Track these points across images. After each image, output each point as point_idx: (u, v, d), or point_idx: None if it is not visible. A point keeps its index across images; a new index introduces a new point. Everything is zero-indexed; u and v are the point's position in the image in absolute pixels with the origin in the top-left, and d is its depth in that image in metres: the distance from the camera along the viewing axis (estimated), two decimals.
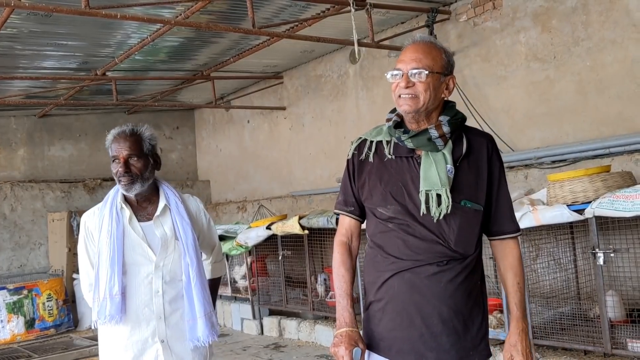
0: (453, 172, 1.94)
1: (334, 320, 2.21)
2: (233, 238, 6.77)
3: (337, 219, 2.31)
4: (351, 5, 5.13)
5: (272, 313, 6.88)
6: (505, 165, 5.76)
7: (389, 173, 2.03)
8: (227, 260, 7.21)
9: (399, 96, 1.93)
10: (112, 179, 8.35)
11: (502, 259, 2.07)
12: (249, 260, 6.93)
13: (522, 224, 4.05)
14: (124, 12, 4.57)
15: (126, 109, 9.33)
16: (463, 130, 2.03)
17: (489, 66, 5.75)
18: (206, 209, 2.61)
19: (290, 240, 6.38)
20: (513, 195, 4.32)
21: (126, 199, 2.40)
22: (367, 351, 2.02)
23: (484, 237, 2.09)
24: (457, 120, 2.00)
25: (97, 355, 6.02)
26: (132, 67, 7.05)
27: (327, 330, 5.88)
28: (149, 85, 8.09)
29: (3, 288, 7.35)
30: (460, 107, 5.99)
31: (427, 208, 1.93)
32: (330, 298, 6.02)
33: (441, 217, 1.92)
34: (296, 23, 5.87)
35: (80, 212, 8.25)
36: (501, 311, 4.44)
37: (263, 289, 6.90)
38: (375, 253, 2.04)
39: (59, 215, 8.31)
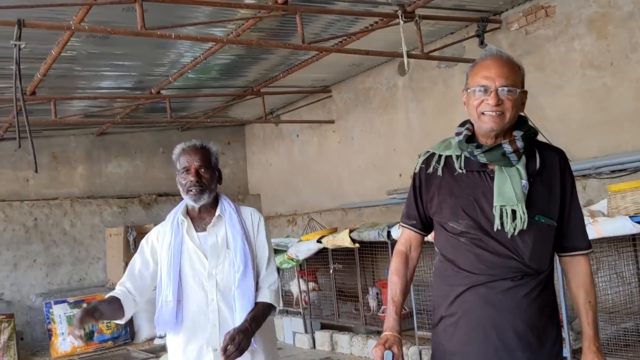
0: (527, 187, 1.93)
1: None
2: (284, 251, 6.80)
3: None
4: (400, 17, 5.12)
5: (323, 327, 6.87)
6: None
7: (459, 187, 2.02)
8: (279, 273, 7.25)
9: (482, 113, 1.92)
10: (167, 194, 8.53)
11: (574, 277, 2.04)
12: (300, 274, 6.95)
13: None
14: (177, 32, 4.70)
15: (179, 126, 9.56)
16: (535, 145, 2.02)
17: (543, 75, 5.62)
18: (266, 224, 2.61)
19: (341, 253, 6.36)
20: None
21: (187, 212, 2.50)
22: None
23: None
24: (530, 135, 1.99)
25: None
26: (185, 85, 7.23)
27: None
28: (201, 102, 8.26)
29: (64, 301, 7.60)
30: None
31: (502, 223, 1.91)
32: (383, 312, 5.96)
33: (516, 233, 1.91)
34: (344, 37, 5.90)
35: (136, 227, 8.48)
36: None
37: (314, 302, 6.90)
38: (446, 267, 2.04)
39: (116, 230, 8.55)
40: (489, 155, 1.95)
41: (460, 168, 2.02)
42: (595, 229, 3.89)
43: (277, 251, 6.93)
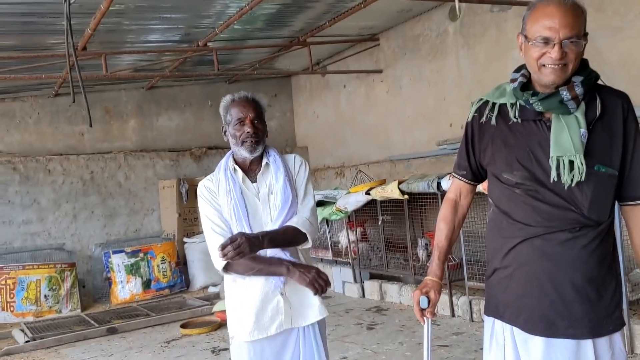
0: (586, 136, 1.83)
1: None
2: (332, 203, 6.84)
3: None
4: None
5: (372, 277, 6.94)
6: None
7: (514, 137, 1.94)
8: (328, 225, 7.31)
9: (543, 65, 1.81)
10: (216, 147, 8.64)
11: (635, 227, 1.94)
12: (349, 225, 6.99)
13: None
14: None
15: (226, 79, 9.58)
16: (596, 89, 1.89)
17: (603, 17, 5.32)
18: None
19: (390, 205, 6.35)
20: None
21: (237, 163, 2.52)
22: (492, 319, 2.05)
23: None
24: (591, 80, 1.87)
25: (208, 314, 6.38)
26: (231, 36, 7.19)
27: None
28: (248, 54, 8.23)
29: (121, 251, 7.91)
30: None
31: (558, 175, 1.84)
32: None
33: (573, 184, 1.84)
34: None
35: (187, 180, 8.67)
36: None
37: (363, 253, 6.95)
38: (501, 219, 2.00)
39: (168, 183, 8.76)
40: (545, 103, 1.85)
41: (515, 117, 1.94)
42: None
43: (325, 203, 6.98)
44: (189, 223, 8.77)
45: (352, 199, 6.54)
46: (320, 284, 2.35)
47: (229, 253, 2.21)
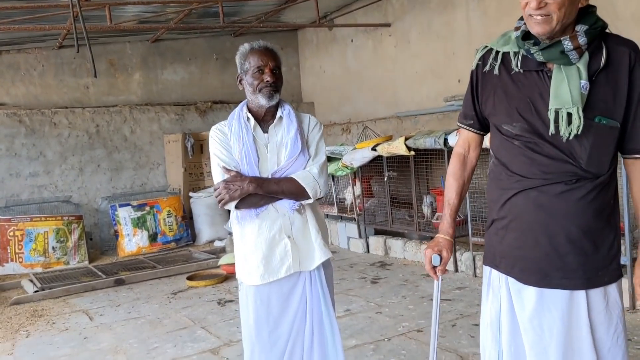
0: (587, 88, 1.78)
1: None
2: (339, 159, 6.82)
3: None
4: None
5: (377, 233, 6.98)
6: None
7: (516, 87, 1.90)
8: (334, 180, 7.31)
9: (530, 15, 1.77)
10: (222, 102, 8.59)
11: (635, 180, 1.92)
12: (354, 181, 6.99)
13: None
14: None
15: (232, 32, 9.44)
16: (603, 38, 1.83)
17: None
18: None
19: (396, 161, 6.33)
20: None
21: (251, 112, 2.53)
22: (489, 269, 2.07)
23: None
24: (597, 30, 1.80)
25: (214, 267, 6.44)
26: None
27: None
28: (253, 6, 8.07)
29: (128, 204, 7.96)
30: None
31: (557, 127, 1.81)
32: (437, 219, 5.98)
33: (570, 136, 1.80)
34: None
35: (193, 134, 8.65)
36: (622, 235, 4.19)
37: (368, 209, 6.97)
38: (500, 171, 1.99)
39: (174, 137, 8.75)
40: (546, 53, 1.80)
41: (516, 66, 1.89)
42: None
43: (331, 159, 6.96)
44: (195, 177, 8.79)
45: (358, 155, 6.52)
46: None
47: (220, 196, 2.39)
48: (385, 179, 6.45)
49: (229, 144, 2.49)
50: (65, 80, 8.65)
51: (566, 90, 1.78)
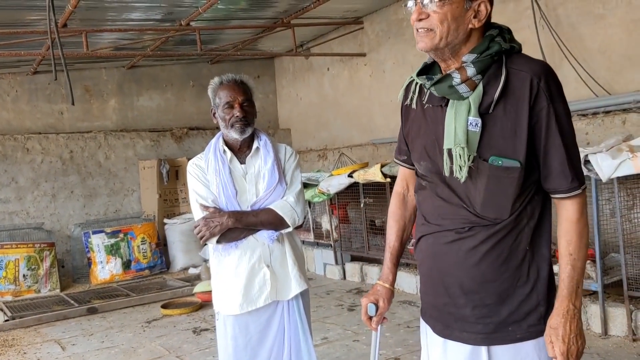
0: (479, 125, 1.59)
1: (416, 267, 2.18)
2: (315, 186, 6.86)
3: None
4: None
5: (354, 259, 6.99)
6: (601, 109, 5.43)
7: (426, 123, 1.75)
8: (310, 207, 7.34)
9: (416, 30, 1.64)
10: (198, 128, 8.59)
11: (559, 222, 1.68)
12: (331, 207, 7.02)
13: (620, 172, 3.86)
14: None
15: (209, 59, 9.49)
16: (508, 64, 1.60)
17: (585, 4, 5.38)
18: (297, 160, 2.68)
19: (372, 188, 6.39)
20: (610, 142, 4.09)
21: (227, 144, 2.55)
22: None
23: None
24: (489, 57, 1.59)
25: (189, 295, 6.37)
26: (214, 16, 7.11)
27: (409, 276, 5.91)
28: (231, 34, 8.15)
29: (101, 231, 7.85)
30: (553, 48, 5.68)
31: (451, 168, 1.64)
32: (411, 245, 6.02)
33: (461, 178, 1.62)
34: None
35: (168, 160, 8.61)
36: (593, 261, 4.28)
37: (345, 235, 7.00)
38: (418, 212, 1.88)
39: (149, 163, 8.70)
40: (438, 88, 1.64)
41: (423, 101, 1.74)
42: (635, 164, 3.81)
43: (308, 185, 6.99)
44: (170, 204, 8.73)
45: (335, 182, 6.57)
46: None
47: (200, 233, 2.42)
48: (362, 205, 6.50)
49: (207, 178, 2.52)
50: (39, 106, 8.57)
51: (452, 129, 1.62)
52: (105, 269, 7.66)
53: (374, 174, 6.05)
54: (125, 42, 7.69)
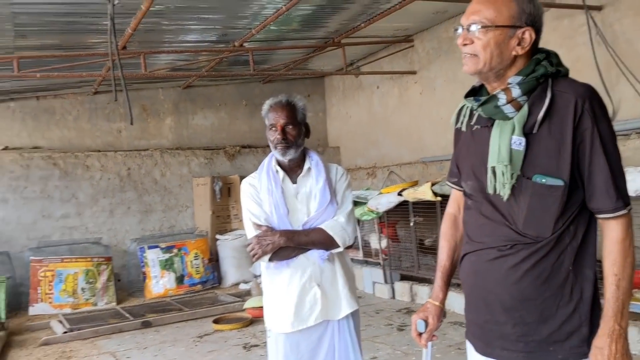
0: (523, 144, 1.63)
1: None
2: (364, 204, 6.86)
3: None
4: None
5: (403, 278, 6.94)
6: None
7: (474, 144, 1.80)
8: (359, 225, 7.34)
9: (463, 55, 1.71)
10: (250, 147, 8.77)
11: (604, 242, 1.68)
12: (380, 226, 7.00)
13: None
14: None
15: (261, 79, 9.69)
16: (553, 86, 1.65)
17: None
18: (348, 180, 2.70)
19: (422, 206, 6.34)
20: None
21: (279, 164, 2.61)
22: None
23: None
24: (535, 79, 1.65)
25: (240, 310, 6.45)
26: (266, 37, 7.28)
27: (461, 297, 5.81)
28: (282, 54, 8.31)
29: (156, 246, 8.07)
30: (609, 64, 5.53)
31: (494, 187, 1.70)
32: None
33: (504, 196, 1.67)
34: None
35: (221, 177, 8.79)
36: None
37: (394, 254, 6.96)
38: (464, 231, 1.92)
39: (202, 180, 8.90)
40: (484, 109, 1.70)
41: (472, 122, 1.80)
42: None
43: (357, 203, 7.00)
44: (222, 220, 8.89)
45: (384, 200, 6.56)
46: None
47: (253, 251, 2.45)
48: (411, 224, 6.46)
49: (260, 196, 2.57)
50: (98, 125, 8.93)
51: (496, 148, 1.67)
52: (160, 284, 7.85)
53: (424, 193, 6.01)
54: (182, 63, 7.95)
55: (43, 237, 8.15)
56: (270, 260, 2.50)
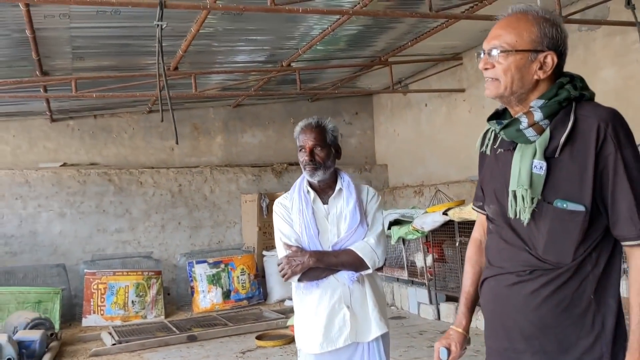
0: (544, 168, 1.61)
1: None
2: (409, 222, 6.80)
3: None
4: None
5: (448, 299, 6.82)
6: None
7: (498, 168, 1.78)
8: (404, 244, 7.28)
9: (485, 78, 1.71)
10: (297, 164, 8.85)
11: (630, 270, 1.63)
12: (426, 245, 6.92)
13: None
14: (305, 6, 4.80)
15: (309, 97, 9.80)
16: (577, 110, 1.63)
17: None
18: (382, 199, 2.70)
19: (468, 226, 6.24)
20: None
21: (311, 185, 2.64)
22: None
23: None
24: (557, 103, 1.63)
25: (283, 327, 6.48)
26: (313, 57, 7.38)
27: None
28: (330, 73, 8.40)
29: (204, 261, 8.22)
30: None
31: (515, 211, 1.68)
32: None
33: (524, 221, 1.65)
34: (476, 2, 5.68)
35: (269, 194, 8.91)
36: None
37: (440, 274, 6.86)
38: (485, 256, 1.90)
39: (250, 197, 9.04)
40: (506, 132, 1.69)
41: (495, 146, 1.79)
42: None
43: (402, 222, 6.96)
44: (269, 237, 8.98)
45: (429, 219, 6.49)
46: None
47: (283, 271, 2.49)
48: (457, 244, 6.36)
49: (290, 217, 2.61)
50: (152, 142, 9.22)
51: (517, 171, 1.65)
52: (207, 298, 7.99)
53: (469, 213, 5.91)
54: (231, 83, 8.15)
55: (98, 251, 8.45)
56: (299, 280, 2.52)
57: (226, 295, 8.11)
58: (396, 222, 7.09)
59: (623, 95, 5.72)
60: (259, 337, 6.14)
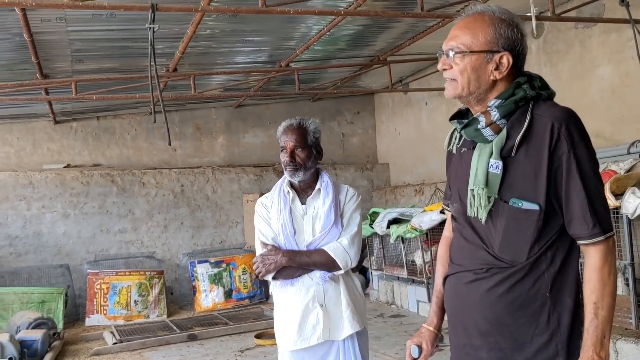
0: (500, 167, 1.63)
1: None
2: (408, 221, 6.83)
3: None
4: None
5: None
6: None
7: (461, 167, 1.80)
8: (403, 242, 7.30)
9: (444, 78, 1.74)
10: None
11: (584, 269, 1.65)
12: (425, 244, 6.94)
13: None
14: (296, 8, 4.82)
15: (310, 97, 9.83)
16: (534, 110, 1.65)
17: None
18: (383, 197, 2.71)
19: None
20: None
21: (292, 185, 2.67)
22: None
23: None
24: (513, 103, 1.65)
25: None
26: (313, 57, 7.42)
27: None
28: (330, 73, 8.42)
29: (206, 261, 8.29)
30: None
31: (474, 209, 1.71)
32: None
33: (482, 219, 1.67)
34: (469, 2, 5.68)
35: None
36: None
37: None
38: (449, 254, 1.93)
39: (252, 197, 9.10)
40: (466, 131, 1.72)
41: (457, 145, 1.83)
42: None
43: (401, 221, 6.98)
44: None
45: (427, 218, 6.51)
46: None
47: (258, 269, 2.54)
48: None
49: (269, 216, 2.65)
50: (155, 143, 9.30)
51: (475, 171, 1.68)
52: (209, 297, 8.05)
53: None
54: (232, 84, 8.20)
55: (101, 251, 8.54)
56: (274, 278, 2.56)
57: (228, 294, 8.17)
58: (395, 221, 7.12)
59: (619, 92, 5.72)
60: (258, 336, 6.19)
